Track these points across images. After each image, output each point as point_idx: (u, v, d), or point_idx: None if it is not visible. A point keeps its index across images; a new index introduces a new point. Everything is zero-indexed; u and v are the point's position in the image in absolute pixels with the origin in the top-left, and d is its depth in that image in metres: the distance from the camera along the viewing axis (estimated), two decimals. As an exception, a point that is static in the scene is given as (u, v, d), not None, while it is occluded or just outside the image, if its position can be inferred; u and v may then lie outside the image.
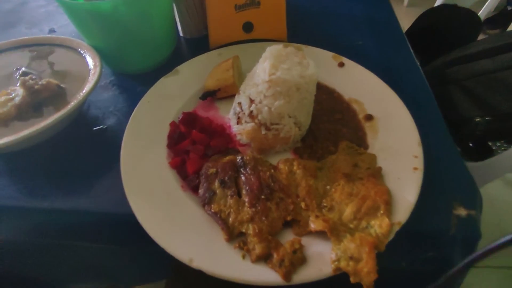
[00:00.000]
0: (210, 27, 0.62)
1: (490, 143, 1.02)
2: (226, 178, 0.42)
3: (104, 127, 0.55)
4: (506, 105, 0.86)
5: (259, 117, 0.44)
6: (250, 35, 0.63)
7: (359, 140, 0.50)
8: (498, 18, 2.16)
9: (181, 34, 0.72)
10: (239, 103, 0.47)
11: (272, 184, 0.42)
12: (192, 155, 0.46)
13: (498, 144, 1.02)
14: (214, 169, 0.44)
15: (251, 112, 0.45)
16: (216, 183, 0.43)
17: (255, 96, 0.44)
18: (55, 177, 0.49)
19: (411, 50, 0.71)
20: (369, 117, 0.52)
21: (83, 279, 0.64)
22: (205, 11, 0.61)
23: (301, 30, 0.69)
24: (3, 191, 0.47)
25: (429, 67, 1.06)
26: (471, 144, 1.00)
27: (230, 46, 0.63)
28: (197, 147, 0.47)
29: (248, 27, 0.62)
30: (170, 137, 0.49)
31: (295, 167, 0.44)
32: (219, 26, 0.62)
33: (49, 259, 0.56)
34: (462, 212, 0.45)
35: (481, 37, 1.05)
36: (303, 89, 0.43)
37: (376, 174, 0.43)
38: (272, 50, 0.44)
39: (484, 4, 1.59)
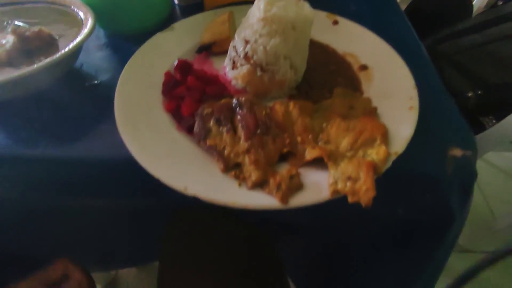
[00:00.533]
0: (205, -12, 0.62)
1: (482, 120, 1.03)
2: (222, 117, 0.42)
3: (98, 82, 0.55)
4: (495, 76, 0.88)
5: (254, 58, 0.44)
6: (245, -4, 0.63)
7: (354, 88, 0.50)
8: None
9: (176, 2, 0.71)
10: (234, 47, 0.47)
11: (268, 121, 0.41)
12: (187, 99, 0.46)
13: (490, 124, 1.04)
14: (210, 109, 0.43)
15: (246, 53, 0.45)
16: (212, 122, 0.42)
17: (250, 36, 0.44)
18: (48, 125, 0.48)
19: (405, 15, 0.72)
20: (364, 67, 0.52)
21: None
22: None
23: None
24: (-7, 138, 0.46)
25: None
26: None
27: (226, 7, 0.63)
28: (192, 92, 0.47)
29: (243, -13, 0.62)
30: (165, 84, 0.49)
31: (290, 107, 0.44)
32: (214, -14, 0.62)
33: (38, 225, 0.54)
34: (457, 152, 0.45)
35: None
36: (299, 29, 0.43)
37: (372, 113, 0.43)
38: (268, -9, 0.44)
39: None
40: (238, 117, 0.42)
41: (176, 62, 0.49)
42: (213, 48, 0.54)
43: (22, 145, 0.46)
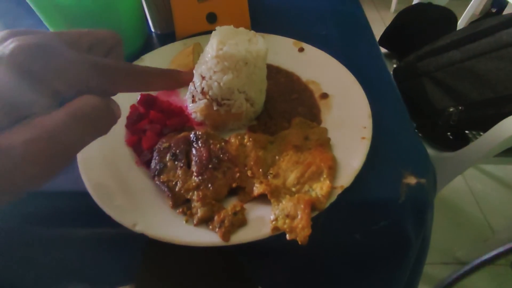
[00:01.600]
0: (176, 19, 0.64)
1: (468, 133, 1.03)
2: (178, 151, 0.44)
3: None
4: (475, 93, 0.88)
5: (210, 93, 0.46)
6: (214, 25, 0.65)
7: (313, 117, 0.51)
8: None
9: (152, 30, 0.74)
10: (193, 82, 0.48)
11: (221, 155, 0.43)
12: (148, 133, 0.47)
13: (477, 136, 1.04)
14: (167, 144, 0.45)
15: (203, 88, 0.46)
16: (168, 156, 0.44)
17: (205, 72, 0.45)
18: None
19: (375, 39, 0.74)
20: (324, 95, 0.54)
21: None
22: (170, 4, 0.64)
23: (264, 21, 0.72)
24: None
25: (402, 62, 1.08)
26: (450, 136, 1.01)
27: (195, 37, 0.65)
28: (153, 126, 0.48)
29: (211, 17, 0.64)
30: (129, 118, 0.51)
31: (245, 140, 0.45)
32: (184, 17, 0.64)
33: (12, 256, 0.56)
34: (411, 180, 0.46)
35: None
36: (251, 64, 0.45)
37: (325, 144, 0.44)
38: (221, 29, 0.46)
39: (465, 3, 1.63)
40: (193, 151, 0.44)
41: (139, 97, 0.51)
42: (179, 79, 0.56)
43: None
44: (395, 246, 0.46)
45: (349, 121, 0.48)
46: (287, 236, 0.34)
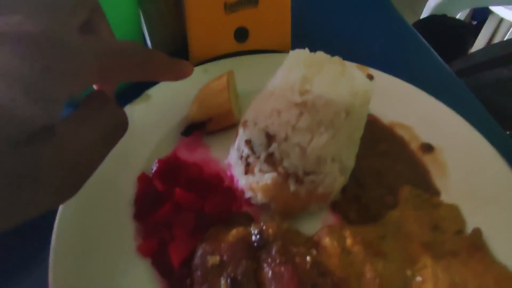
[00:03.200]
0: (191, 36, 0.45)
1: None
2: (239, 274, 0.24)
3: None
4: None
5: (285, 164, 0.27)
6: (244, 45, 0.47)
7: (424, 182, 0.34)
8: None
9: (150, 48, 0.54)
10: (248, 142, 0.29)
11: (319, 279, 0.24)
12: (177, 231, 0.28)
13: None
14: (217, 258, 0.26)
15: (271, 155, 0.28)
16: (223, 283, 0.24)
17: (276, 129, 0.27)
18: None
19: (435, 52, 0.59)
20: (428, 147, 0.37)
21: None
22: (183, 15, 0.45)
23: (306, 40, 0.54)
24: None
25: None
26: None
27: (218, 61, 0.46)
28: (184, 216, 0.29)
29: (242, 34, 0.46)
30: (138, 201, 0.31)
31: (348, 242, 0.27)
32: (203, 33, 0.45)
33: None
34: None
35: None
36: (354, 115, 0.27)
37: (479, 244, 0.27)
38: (298, 55, 0.28)
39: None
40: (267, 270, 0.25)
41: (155, 165, 0.32)
42: (208, 127, 0.37)
43: None
44: None
45: (485, 193, 0.31)
46: None
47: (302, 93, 0.26)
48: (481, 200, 0.31)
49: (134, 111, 0.39)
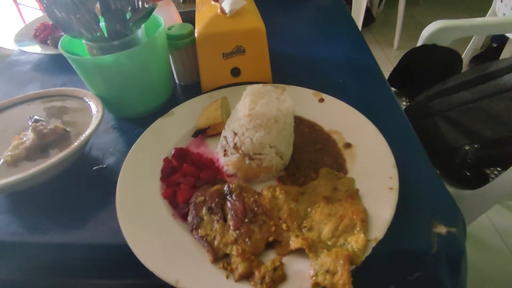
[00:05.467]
0: (202, 74, 0.69)
1: (487, 171, 1.03)
2: (213, 205, 0.46)
3: (104, 166, 0.60)
4: (489, 132, 0.90)
5: (243, 148, 0.49)
6: (238, 79, 0.70)
7: (339, 166, 0.53)
8: (485, 55, 2.31)
9: (177, 82, 0.79)
10: (225, 137, 0.51)
11: (255, 208, 0.45)
12: (182, 186, 0.50)
13: (495, 172, 1.04)
14: (202, 197, 0.47)
15: (235, 144, 0.49)
16: (204, 210, 0.46)
17: (238, 129, 0.49)
18: (55, 214, 0.52)
19: (388, 84, 0.78)
20: (348, 145, 0.56)
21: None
22: (197, 61, 0.69)
23: (285, 73, 0.77)
24: (8, 227, 0.51)
25: (413, 102, 1.12)
26: (468, 173, 1.01)
27: (220, 90, 0.69)
28: (187, 179, 0.51)
29: (235, 72, 0.69)
30: (163, 171, 0.53)
31: (277, 193, 0.47)
32: (210, 72, 0.69)
33: None
34: (442, 230, 0.46)
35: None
36: (281, 121, 0.48)
37: (354, 195, 0.46)
38: (252, 88, 0.50)
39: (465, 42, 1.70)
40: (228, 204, 0.46)
41: (173, 151, 0.54)
42: (207, 132, 0.60)
43: (33, 233, 0.50)
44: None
45: (374, 171, 0.50)
46: (329, 293, 0.35)
47: (250, 109, 0.47)
48: (368, 175, 0.50)
49: (163, 122, 0.63)
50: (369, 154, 0.53)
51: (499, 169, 1.05)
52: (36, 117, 0.61)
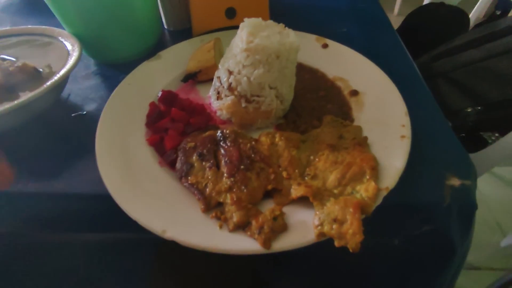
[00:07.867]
0: (193, 14, 0.61)
1: (484, 135, 1.00)
2: (205, 151, 0.41)
3: (83, 113, 0.54)
4: (495, 93, 0.85)
5: (239, 89, 0.43)
6: (233, 21, 0.63)
7: (344, 115, 0.48)
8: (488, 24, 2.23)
9: (165, 27, 0.71)
10: (218, 78, 0.45)
11: (252, 155, 0.40)
12: (170, 132, 0.44)
13: (493, 138, 1.01)
14: (193, 143, 0.42)
15: (230, 84, 0.43)
16: (194, 157, 0.41)
17: (233, 67, 0.42)
18: (29, 161, 0.47)
19: (396, 33, 0.71)
20: (355, 93, 0.51)
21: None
22: (188, 1, 0.61)
23: (284, 18, 0.69)
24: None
25: (416, 62, 1.06)
26: (463, 135, 0.98)
27: (213, 33, 0.62)
28: (176, 124, 0.45)
29: (230, 12, 0.62)
30: (149, 116, 0.47)
31: (277, 139, 0.42)
32: (202, 12, 0.61)
33: (17, 262, 0.52)
34: (455, 182, 0.42)
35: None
36: (283, 57, 0.42)
37: (362, 143, 0.41)
38: (249, 21, 0.43)
39: (473, 3, 1.61)
40: (222, 150, 0.40)
41: (160, 94, 0.48)
42: (198, 76, 0.53)
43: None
44: (439, 253, 0.43)
45: (384, 120, 0.45)
46: (336, 243, 0.31)
47: (248, 42, 0.41)
48: (377, 123, 0.45)
49: (149, 65, 0.56)
50: (378, 101, 0.48)
51: (496, 134, 1.02)
52: (2, 56, 0.54)
